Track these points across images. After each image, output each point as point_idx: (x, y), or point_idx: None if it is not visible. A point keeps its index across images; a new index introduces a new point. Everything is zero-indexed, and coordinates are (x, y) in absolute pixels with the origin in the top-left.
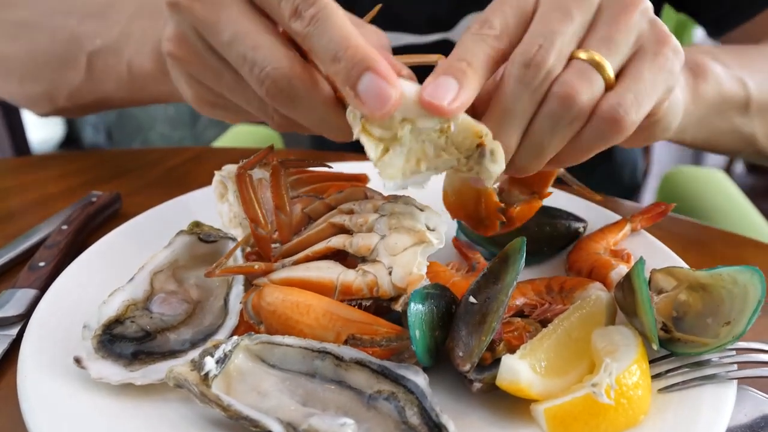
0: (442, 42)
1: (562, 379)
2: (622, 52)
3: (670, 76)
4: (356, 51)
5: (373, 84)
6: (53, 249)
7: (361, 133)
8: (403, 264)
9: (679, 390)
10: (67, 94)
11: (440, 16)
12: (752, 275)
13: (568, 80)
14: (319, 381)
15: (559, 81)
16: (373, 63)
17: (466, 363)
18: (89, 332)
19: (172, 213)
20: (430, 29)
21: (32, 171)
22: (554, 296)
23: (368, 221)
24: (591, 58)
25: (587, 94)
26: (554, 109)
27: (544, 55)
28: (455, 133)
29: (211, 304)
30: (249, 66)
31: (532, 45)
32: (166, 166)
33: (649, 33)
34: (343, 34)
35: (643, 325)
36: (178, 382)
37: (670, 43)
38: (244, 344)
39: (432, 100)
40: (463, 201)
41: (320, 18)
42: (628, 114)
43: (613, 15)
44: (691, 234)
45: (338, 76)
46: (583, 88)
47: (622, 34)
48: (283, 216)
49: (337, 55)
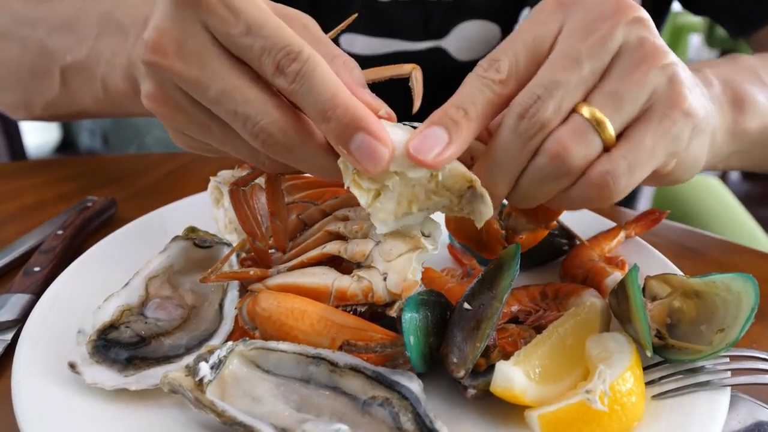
0: (435, 49)
1: (557, 386)
2: (629, 111)
3: (674, 143)
4: (346, 111)
5: (366, 144)
6: (48, 254)
7: (352, 184)
8: (397, 270)
9: (673, 397)
10: (43, 105)
11: (433, 23)
12: (745, 283)
13: (563, 138)
14: (314, 387)
15: (553, 137)
16: (364, 123)
17: (461, 369)
18: (84, 337)
19: (167, 218)
20: (423, 36)
21: (28, 176)
22: (549, 303)
23: (363, 227)
24: (593, 116)
25: (580, 155)
26: (544, 165)
27: (540, 107)
28: (445, 178)
29: (206, 310)
30: (241, 121)
31: (531, 95)
32: (162, 172)
33: (664, 91)
34: (330, 91)
35: (637, 332)
36: (172, 387)
37: (683, 105)
38: (239, 350)
39: (417, 154)
40: (464, 228)
41: (304, 74)
42: (617, 182)
43: (629, 67)
44: (685, 241)
45: (329, 134)
46: (576, 149)
47: (633, 92)
48: (279, 223)
49: (326, 115)
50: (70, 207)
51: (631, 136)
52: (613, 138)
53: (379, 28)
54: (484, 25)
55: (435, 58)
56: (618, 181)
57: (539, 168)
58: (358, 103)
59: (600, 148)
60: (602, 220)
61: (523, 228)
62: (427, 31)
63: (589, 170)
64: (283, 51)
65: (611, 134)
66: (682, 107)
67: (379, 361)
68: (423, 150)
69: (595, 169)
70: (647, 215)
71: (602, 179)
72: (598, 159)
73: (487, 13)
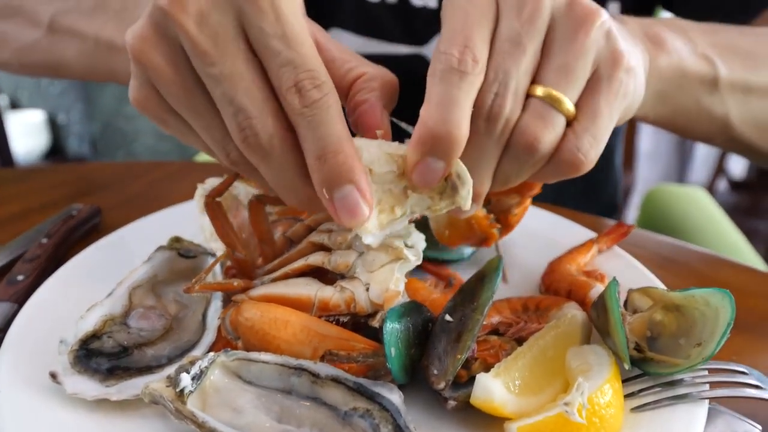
0: (416, 56)
1: (537, 398)
2: (580, 81)
3: (624, 100)
4: (345, 159)
5: (351, 198)
6: (33, 262)
7: None
8: (380, 280)
9: (652, 409)
10: (16, 48)
11: (415, 29)
12: (723, 298)
13: (529, 126)
14: (295, 398)
15: (519, 128)
16: (357, 177)
17: (441, 381)
18: (66, 347)
19: (152, 228)
20: (405, 41)
21: (13, 184)
22: (530, 315)
23: (347, 239)
24: (549, 95)
25: (549, 140)
26: (518, 155)
27: (501, 103)
28: None
29: (189, 320)
30: (234, 109)
31: (490, 94)
32: (148, 180)
33: (605, 52)
34: (337, 135)
35: (615, 345)
36: (153, 398)
37: (624, 62)
38: (221, 360)
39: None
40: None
41: (321, 105)
42: (587, 156)
43: (567, 36)
44: (668, 253)
45: (317, 174)
46: (544, 134)
47: (579, 61)
48: (266, 246)
49: (324, 156)
50: (55, 215)
51: (587, 106)
52: (572, 112)
53: (365, 27)
54: None
55: (415, 65)
56: (588, 154)
57: (515, 158)
58: (356, 155)
59: (564, 125)
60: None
61: (509, 205)
62: (410, 36)
63: (560, 150)
64: (309, 73)
65: (570, 109)
66: (624, 64)
67: (360, 371)
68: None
69: (564, 148)
70: (616, 229)
71: (573, 156)
72: (565, 137)
73: None
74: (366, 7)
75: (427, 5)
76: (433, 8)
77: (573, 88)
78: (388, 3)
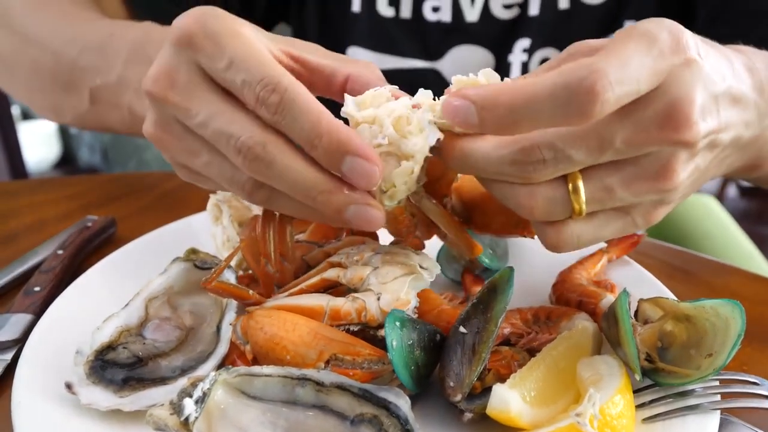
0: (430, 70)
1: (550, 409)
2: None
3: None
4: (330, 137)
5: (356, 166)
6: (49, 274)
7: None
8: (391, 291)
9: (663, 420)
10: (73, 116)
11: (429, 44)
12: (733, 309)
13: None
14: (301, 408)
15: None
16: (350, 146)
17: (458, 393)
18: (81, 358)
19: (167, 239)
20: (419, 56)
21: (28, 195)
22: (541, 325)
23: (363, 257)
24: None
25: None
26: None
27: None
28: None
29: (204, 331)
30: (225, 138)
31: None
32: (162, 190)
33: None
34: (312, 120)
35: (626, 356)
36: (157, 426)
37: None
38: (223, 378)
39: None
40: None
41: (285, 105)
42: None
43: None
44: (678, 262)
45: (320, 159)
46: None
47: (626, 198)
48: (288, 264)
49: (313, 142)
50: (70, 226)
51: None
52: (582, 214)
53: (380, 43)
54: (478, 51)
55: (429, 79)
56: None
57: (503, 198)
58: (341, 127)
59: (563, 218)
60: None
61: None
62: (424, 51)
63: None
64: (261, 83)
65: (582, 210)
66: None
67: (365, 378)
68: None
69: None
70: (626, 239)
71: (552, 247)
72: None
73: (482, 39)
74: (380, 22)
75: (441, 20)
76: (447, 23)
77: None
78: (402, 18)
